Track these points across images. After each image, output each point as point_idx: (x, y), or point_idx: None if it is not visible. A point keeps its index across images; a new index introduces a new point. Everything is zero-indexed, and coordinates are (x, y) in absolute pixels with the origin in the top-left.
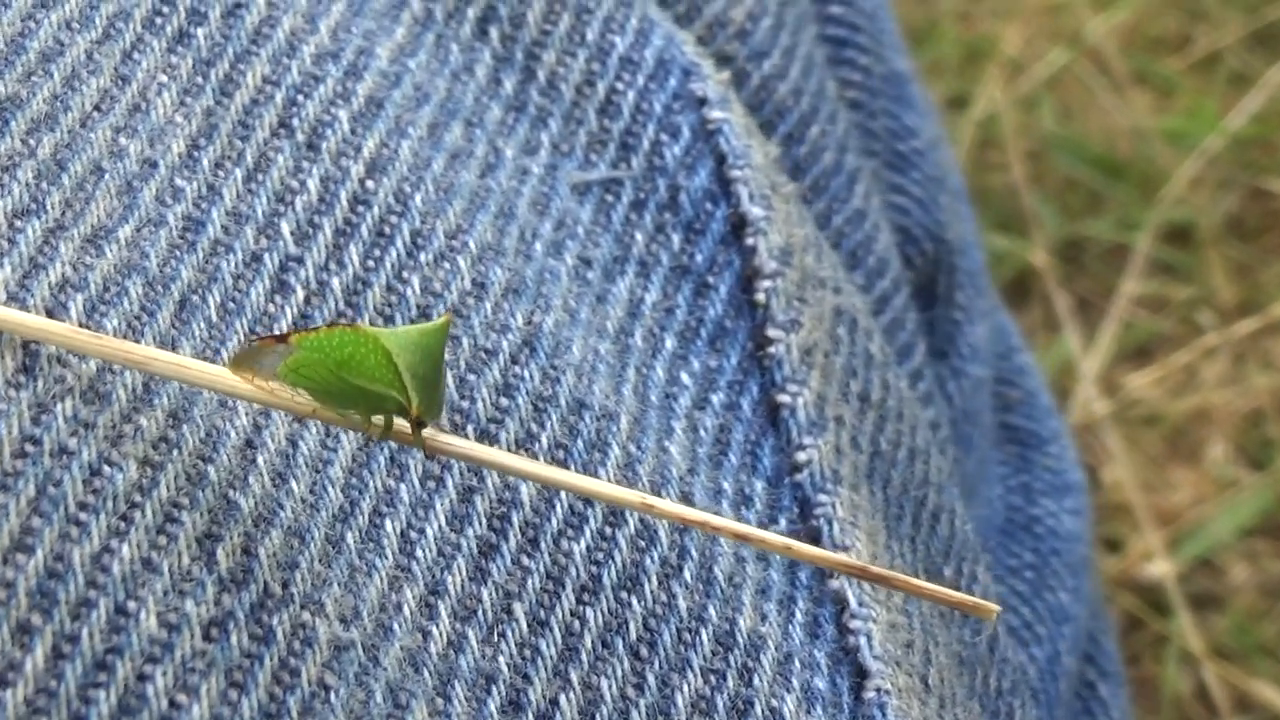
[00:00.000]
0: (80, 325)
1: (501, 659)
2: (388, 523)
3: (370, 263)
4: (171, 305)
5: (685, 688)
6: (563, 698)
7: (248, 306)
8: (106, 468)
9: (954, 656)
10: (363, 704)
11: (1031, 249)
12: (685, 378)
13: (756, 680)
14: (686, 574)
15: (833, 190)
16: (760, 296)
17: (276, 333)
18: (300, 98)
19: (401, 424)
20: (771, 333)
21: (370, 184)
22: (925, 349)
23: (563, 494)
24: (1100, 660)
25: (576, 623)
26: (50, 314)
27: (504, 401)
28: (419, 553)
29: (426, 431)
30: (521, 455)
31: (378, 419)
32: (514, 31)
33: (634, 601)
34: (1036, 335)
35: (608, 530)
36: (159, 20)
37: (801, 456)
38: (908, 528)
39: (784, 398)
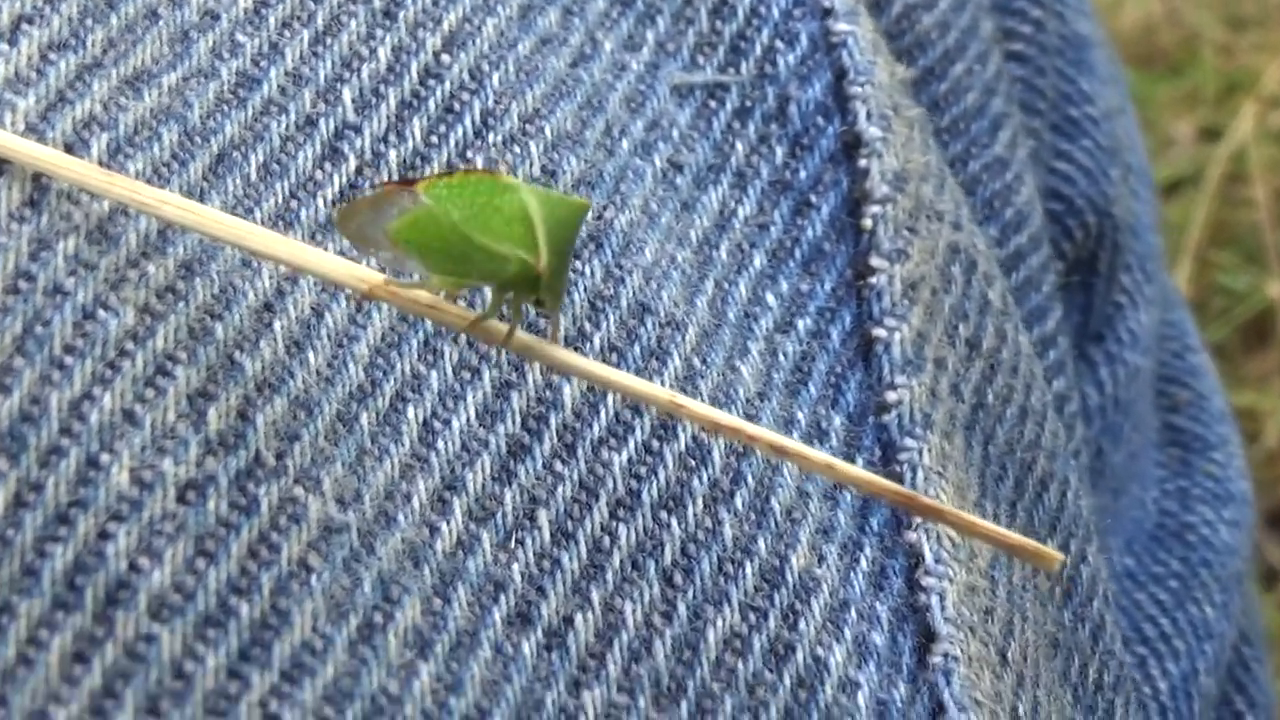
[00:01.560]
0: (100, 165)
1: (516, 567)
2: (410, 409)
3: (434, 138)
4: (207, 158)
5: (720, 622)
6: (579, 617)
7: (293, 170)
8: (101, 311)
9: (1047, 637)
10: (346, 591)
11: (1271, 286)
12: (771, 298)
13: (802, 625)
14: (738, 501)
15: (973, 134)
16: (867, 222)
17: (400, 179)
18: None
19: (495, 324)
20: (875, 261)
21: (445, 58)
22: (1063, 317)
23: (610, 400)
24: (1251, 690)
25: (606, 539)
26: (69, 149)
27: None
28: (440, 444)
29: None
30: (623, 371)
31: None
32: None
33: (674, 523)
34: (1272, 379)
35: (654, 444)
36: None
37: (891, 396)
38: (1009, 490)
39: (880, 331)
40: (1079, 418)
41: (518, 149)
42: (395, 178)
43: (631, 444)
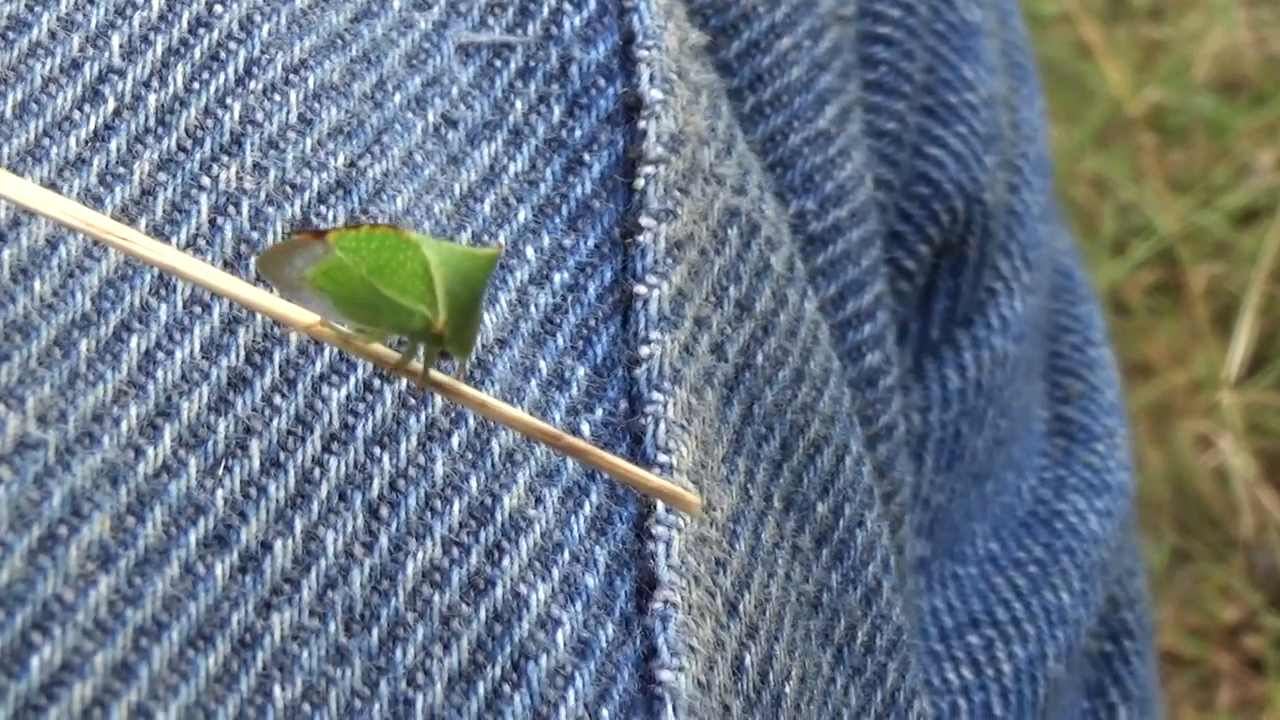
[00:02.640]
0: None
1: (220, 493)
2: (134, 339)
3: (195, 85)
4: None
5: (420, 555)
6: (278, 543)
7: (50, 110)
8: None
9: (804, 596)
10: (33, 504)
11: None
12: (530, 252)
13: (506, 561)
14: (454, 441)
15: (795, 107)
16: (639, 182)
17: (313, 229)
18: None
19: (416, 364)
20: (643, 220)
21: (219, 8)
22: (886, 292)
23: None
24: (1128, 683)
25: (316, 470)
26: None
27: None
28: (159, 373)
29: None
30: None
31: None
32: None
33: (385, 458)
34: None
35: (375, 383)
36: None
37: (644, 351)
38: (774, 450)
39: (640, 289)
40: (898, 392)
41: (277, 97)
42: (303, 228)
43: (352, 381)
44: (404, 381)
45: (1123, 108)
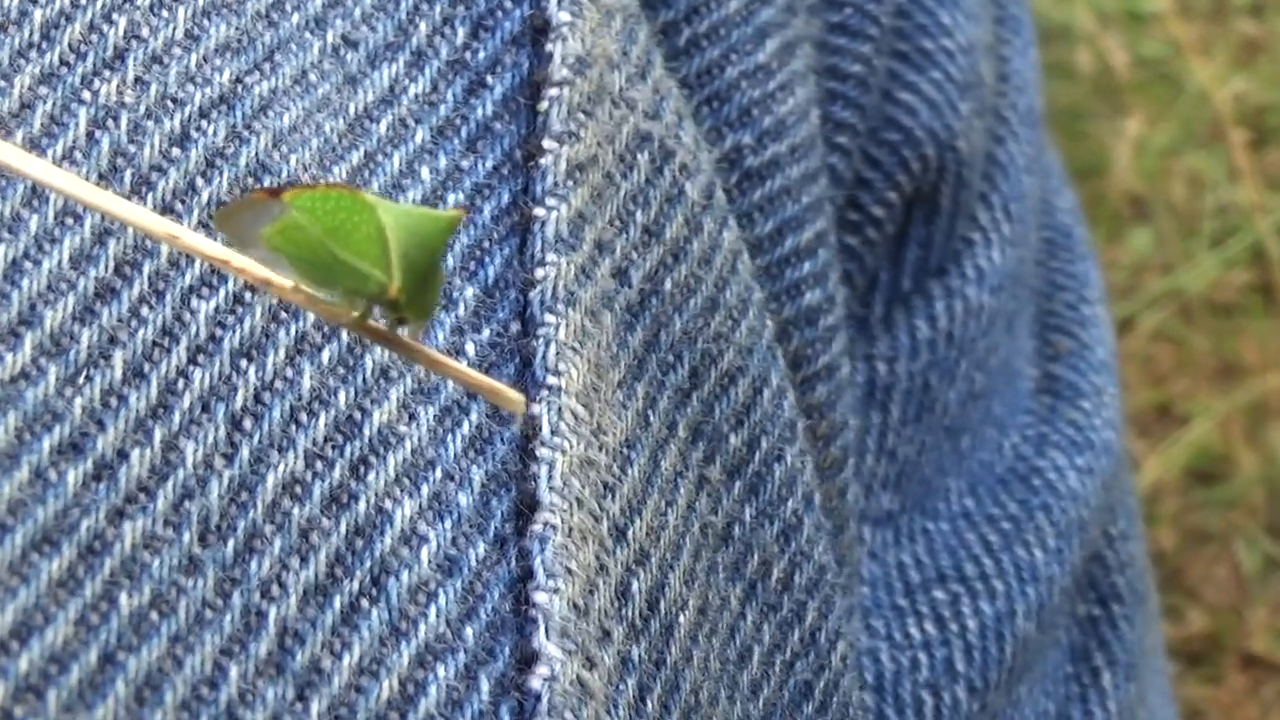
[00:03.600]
0: None
1: (79, 401)
2: (1, 248)
3: (82, 0)
4: None
5: (282, 467)
6: (135, 452)
7: None
8: None
9: (710, 527)
10: None
11: None
12: (425, 172)
13: (371, 477)
14: (325, 355)
15: (733, 40)
16: (544, 104)
17: (269, 186)
18: None
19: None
20: (545, 143)
21: None
22: (827, 230)
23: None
24: (1114, 647)
25: (180, 382)
26: None
27: (175, 152)
28: (25, 282)
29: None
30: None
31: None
32: None
33: (251, 371)
34: None
35: (246, 296)
36: None
37: (539, 273)
38: (681, 378)
39: (539, 211)
40: (840, 332)
41: (165, 13)
42: (265, 184)
43: (222, 294)
44: (273, 296)
45: (1217, 106)
